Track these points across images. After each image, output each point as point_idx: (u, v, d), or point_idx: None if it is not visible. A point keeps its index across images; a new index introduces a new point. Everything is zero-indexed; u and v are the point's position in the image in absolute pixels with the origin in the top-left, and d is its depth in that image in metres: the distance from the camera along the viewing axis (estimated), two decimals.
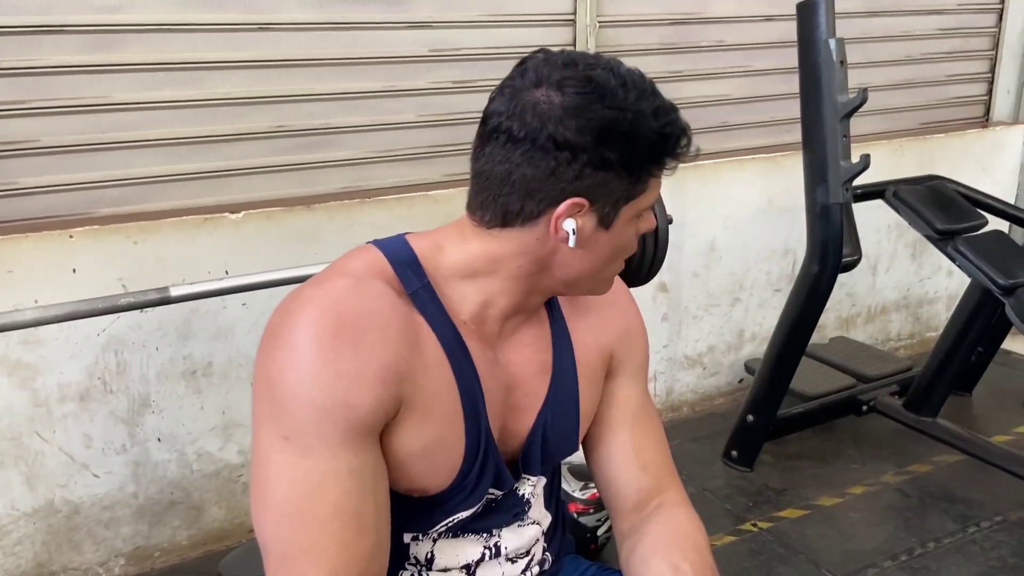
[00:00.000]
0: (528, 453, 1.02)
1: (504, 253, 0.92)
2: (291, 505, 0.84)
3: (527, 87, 0.86)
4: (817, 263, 2.39)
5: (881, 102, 3.17)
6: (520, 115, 0.85)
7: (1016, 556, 2.26)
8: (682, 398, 3.05)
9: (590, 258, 0.92)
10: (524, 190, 0.87)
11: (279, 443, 0.84)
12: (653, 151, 0.88)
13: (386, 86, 2.33)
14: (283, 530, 0.85)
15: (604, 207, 0.89)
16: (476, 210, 0.92)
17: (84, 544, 2.14)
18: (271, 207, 2.19)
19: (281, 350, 0.85)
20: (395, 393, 0.87)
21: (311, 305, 0.86)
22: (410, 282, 0.91)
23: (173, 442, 2.18)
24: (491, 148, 0.88)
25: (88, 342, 2.03)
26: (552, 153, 0.85)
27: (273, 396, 0.85)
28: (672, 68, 2.78)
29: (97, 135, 2.02)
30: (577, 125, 0.84)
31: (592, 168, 0.86)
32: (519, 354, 0.99)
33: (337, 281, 0.88)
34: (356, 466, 0.85)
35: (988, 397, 3.13)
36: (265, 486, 0.86)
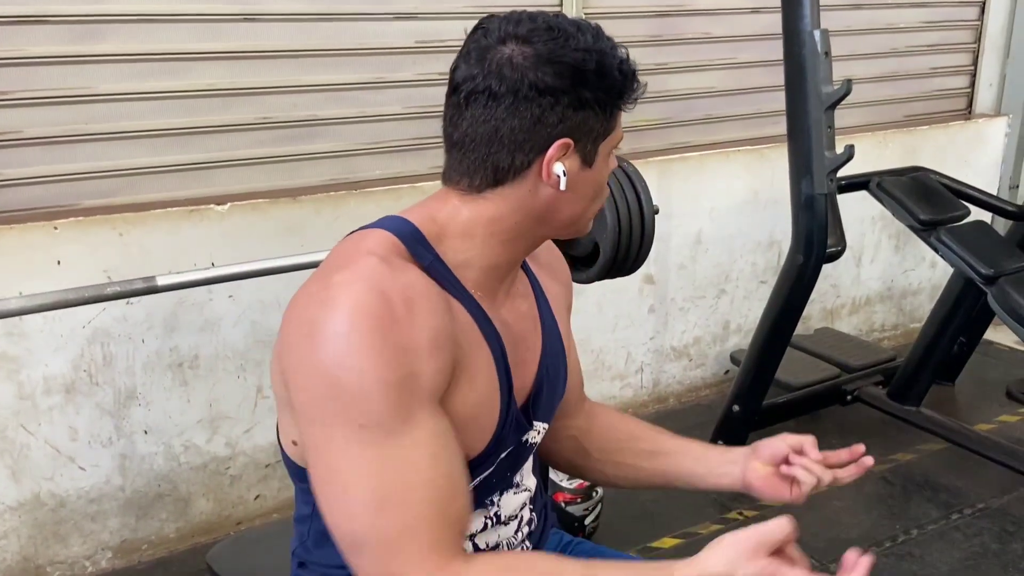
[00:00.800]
0: (536, 402, 1.05)
1: (499, 213, 0.94)
2: (387, 488, 0.85)
3: (493, 45, 0.90)
4: (802, 254, 2.41)
5: (865, 94, 3.19)
6: (497, 72, 0.88)
7: (998, 542, 2.29)
8: (668, 389, 3.06)
9: (578, 199, 0.96)
10: (512, 143, 0.90)
11: (356, 434, 0.84)
12: (618, 86, 0.93)
13: (372, 78, 2.33)
14: (384, 517, 0.85)
15: (586, 146, 0.93)
16: (462, 177, 0.93)
17: (71, 537, 2.13)
18: (257, 199, 2.19)
19: (332, 339, 0.84)
20: (449, 357, 0.89)
21: (350, 289, 0.85)
22: (423, 256, 0.92)
23: (160, 435, 2.17)
24: (472, 111, 0.90)
25: (73, 334, 2.02)
26: (536, 100, 0.88)
27: (339, 390, 0.84)
28: (658, 60, 2.79)
29: (81, 126, 2.01)
30: (555, 70, 0.88)
31: (573, 109, 0.90)
32: (516, 311, 1.03)
33: (365, 260, 0.88)
34: (436, 429, 0.88)
35: (971, 386, 3.16)
36: (349, 482, 0.85)
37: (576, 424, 1.24)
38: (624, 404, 2.96)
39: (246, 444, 2.29)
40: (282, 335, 0.91)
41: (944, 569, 2.18)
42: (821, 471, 1.09)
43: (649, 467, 1.20)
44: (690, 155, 2.87)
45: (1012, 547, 2.27)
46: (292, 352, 0.89)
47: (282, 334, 0.91)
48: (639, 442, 1.21)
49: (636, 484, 1.23)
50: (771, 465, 1.11)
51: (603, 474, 1.24)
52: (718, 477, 1.15)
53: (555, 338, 1.09)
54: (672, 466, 1.18)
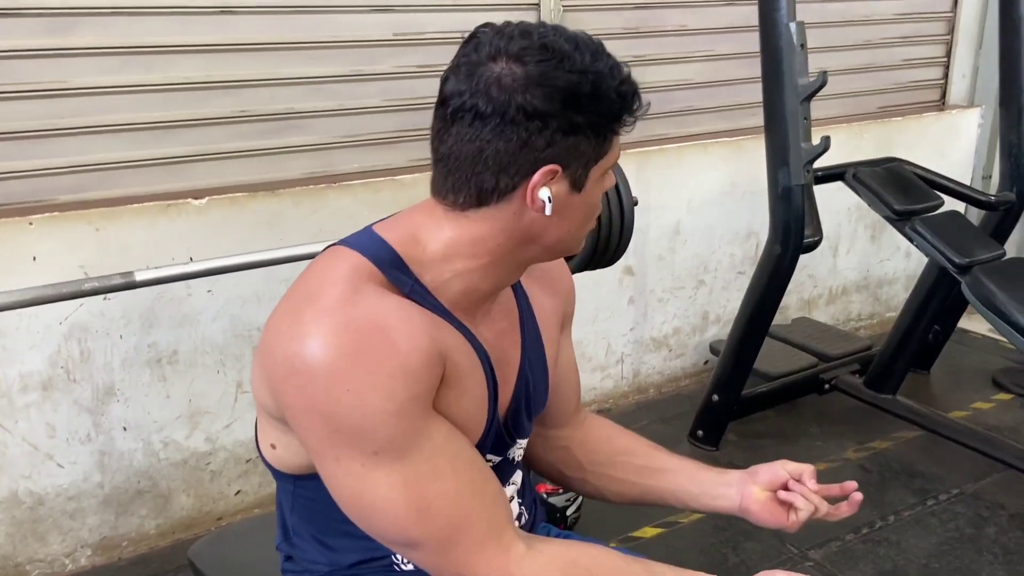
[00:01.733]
0: (516, 419, 1.05)
1: (482, 234, 0.91)
2: (421, 500, 0.87)
3: (484, 61, 0.86)
4: (779, 244, 2.43)
5: (840, 86, 3.21)
6: (484, 91, 0.85)
7: (973, 527, 2.33)
8: (649, 380, 3.08)
9: (566, 223, 0.93)
10: (497, 165, 0.87)
11: (372, 460, 0.85)
12: (615, 110, 0.89)
13: (350, 70, 2.32)
14: (428, 522, 0.87)
15: (576, 171, 0.89)
16: (447, 194, 0.90)
17: (50, 535, 2.11)
18: (235, 192, 2.17)
19: (320, 379, 0.83)
20: (439, 368, 0.89)
21: (322, 324, 0.83)
22: (402, 282, 0.90)
23: (139, 431, 2.16)
24: (457, 128, 0.87)
25: (50, 331, 2.00)
26: (523, 124, 0.85)
27: (340, 427, 0.84)
28: (636, 52, 2.79)
29: (55, 120, 1.99)
30: (544, 93, 0.84)
31: (562, 134, 0.86)
32: (496, 328, 1.01)
33: (333, 292, 0.86)
34: (447, 431, 0.89)
35: (946, 374, 3.21)
36: (383, 503, 0.87)
37: (569, 435, 1.22)
38: (605, 395, 2.98)
39: (226, 439, 2.28)
40: (265, 360, 0.89)
41: (920, 554, 2.22)
42: (819, 501, 1.09)
43: (641, 483, 1.18)
44: (668, 147, 2.88)
45: (986, 531, 2.31)
46: (281, 389, 0.87)
47: (265, 360, 0.89)
48: (633, 457, 1.19)
49: (627, 500, 1.21)
50: (769, 490, 1.11)
51: (594, 487, 1.22)
52: (713, 499, 1.13)
53: (537, 355, 1.07)
54: (665, 484, 1.16)
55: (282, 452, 0.98)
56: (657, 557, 1.16)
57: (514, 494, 1.12)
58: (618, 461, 1.20)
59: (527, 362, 1.05)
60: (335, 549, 1.02)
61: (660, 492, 1.17)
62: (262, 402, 0.94)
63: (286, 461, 0.98)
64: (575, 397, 1.22)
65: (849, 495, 1.11)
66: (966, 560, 2.19)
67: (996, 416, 2.92)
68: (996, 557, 2.20)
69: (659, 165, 2.85)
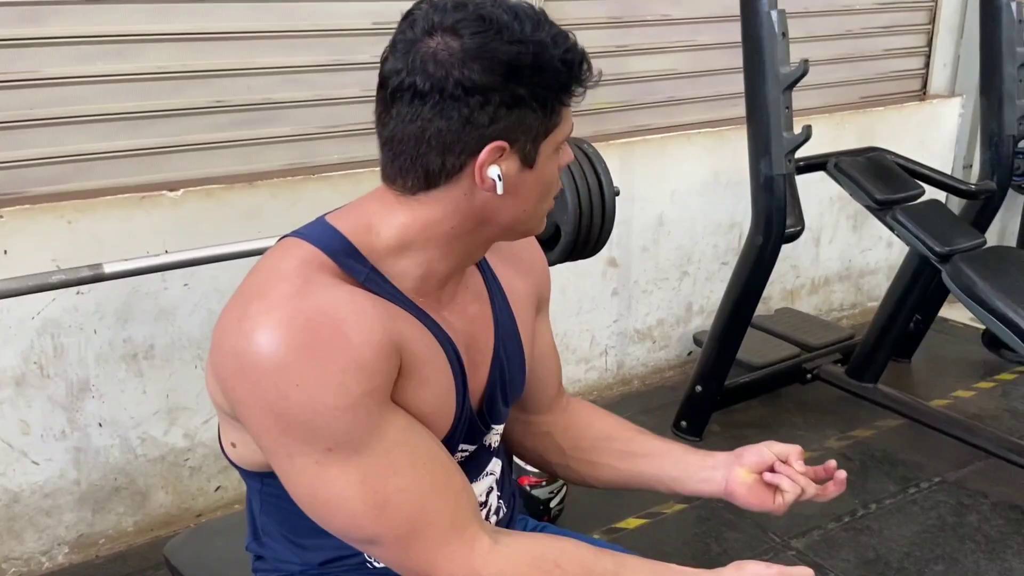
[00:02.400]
0: (491, 404, 1.03)
1: (435, 217, 0.88)
2: (378, 495, 0.84)
3: (420, 38, 0.83)
4: (761, 234, 2.43)
5: (822, 76, 3.21)
6: (421, 68, 0.81)
7: (954, 515, 2.34)
8: (633, 371, 3.08)
9: (520, 201, 0.89)
10: (441, 145, 0.83)
11: (326, 458, 0.83)
12: (560, 80, 0.85)
13: (329, 60, 2.29)
14: (387, 518, 0.85)
15: (524, 146, 0.86)
16: (395, 178, 0.88)
17: (25, 533, 2.08)
18: (212, 184, 2.14)
19: (269, 375, 0.80)
20: (395, 360, 0.86)
21: (269, 319, 0.81)
22: (356, 271, 0.88)
23: (115, 427, 2.13)
24: (397, 109, 0.84)
25: (22, 326, 1.96)
26: (463, 100, 0.81)
27: (291, 424, 0.81)
28: (619, 42, 2.78)
29: (26, 111, 1.95)
30: (482, 66, 0.81)
31: (506, 108, 0.83)
32: (465, 314, 0.99)
33: (280, 286, 0.83)
34: (405, 423, 0.87)
35: (927, 363, 3.23)
36: (338, 499, 0.84)
37: (551, 420, 1.20)
38: (589, 387, 2.97)
39: (205, 435, 2.25)
40: (215, 357, 0.87)
41: (902, 542, 2.22)
42: (806, 482, 1.07)
43: (625, 468, 1.15)
44: (651, 137, 2.87)
45: (968, 519, 2.32)
46: (231, 386, 0.85)
47: (215, 357, 0.86)
48: (616, 442, 1.17)
49: (611, 484, 1.18)
50: (755, 473, 1.08)
51: (577, 473, 1.20)
52: (698, 483, 1.11)
53: (511, 338, 1.05)
54: (650, 468, 1.14)
55: (242, 450, 0.96)
56: (640, 548, 1.15)
57: (492, 485, 1.10)
58: (600, 447, 1.17)
59: (501, 346, 1.03)
60: (306, 548, 1.00)
61: (644, 477, 1.15)
62: (216, 400, 0.92)
63: (247, 459, 0.96)
64: (555, 381, 1.19)
65: (833, 475, 1.10)
66: (948, 548, 2.20)
67: (977, 404, 2.94)
68: (978, 545, 2.22)
69: (642, 156, 2.84)
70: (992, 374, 3.15)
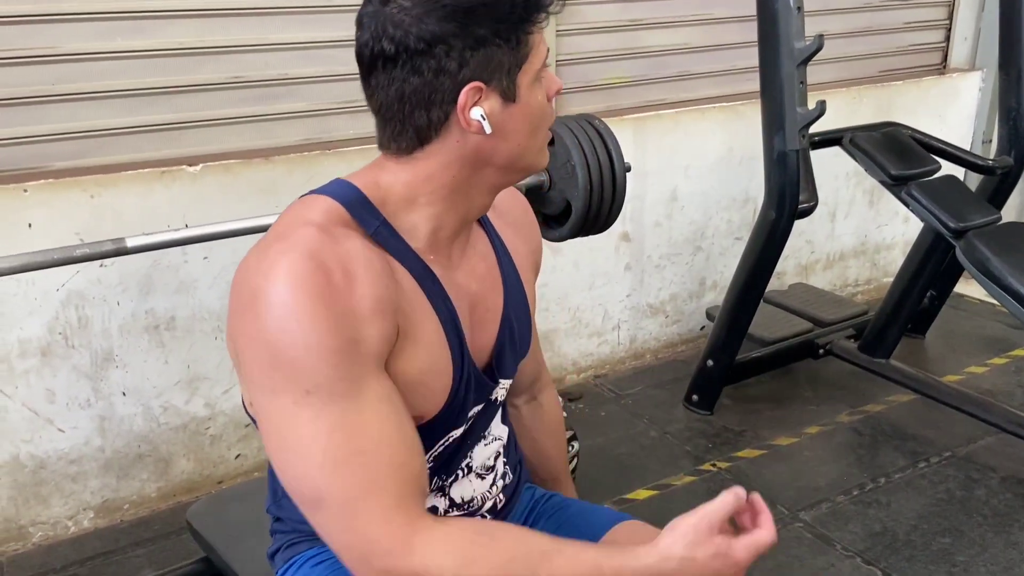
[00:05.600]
0: (500, 359, 1.06)
1: (435, 170, 0.93)
2: (339, 450, 0.85)
3: (378, 7, 0.88)
4: (774, 209, 2.43)
5: (839, 50, 3.19)
6: (383, 33, 0.87)
7: (963, 489, 2.36)
8: (645, 346, 3.10)
9: (513, 136, 0.93)
10: (422, 100, 0.88)
11: (304, 399, 0.84)
12: (518, 11, 0.89)
13: (345, 35, 2.27)
14: (341, 476, 0.85)
15: (501, 81, 0.89)
16: (391, 143, 0.93)
17: (52, 498, 2.15)
18: (229, 159, 2.17)
19: (274, 308, 0.84)
20: (391, 323, 0.89)
21: (287, 259, 0.85)
22: (368, 222, 0.92)
23: (138, 396, 2.18)
24: (375, 79, 0.90)
25: (47, 297, 2.01)
26: (428, 53, 0.86)
27: (281, 358, 0.84)
28: (632, 16, 2.77)
29: (48, 87, 1.98)
30: (437, 16, 0.86)
31: (470, 51, 0.87)
32: (473, 271, 1.03)
33: (303, 231, 0.87)
34: (383, 392, 0.88)
35: (940, 339, 3.23)
36: (303, 445, 0.85)
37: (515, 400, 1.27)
38: (601, 361, 3.00)
39: (225, 404, 2.30)
40: (229, 302, 0.91)
41: (910, 516, 2.25)
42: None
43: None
44: (665, 112, 2.87)
45: (976, 494, 2.34)
46: (237, 322, 0.89)
47: (232, 297, 0.91)
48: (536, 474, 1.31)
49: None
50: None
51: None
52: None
53: (519, 295, 1.09)
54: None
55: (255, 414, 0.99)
56: (650, 519, 1.18)
57: (499, 450, 1.13)
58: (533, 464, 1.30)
59: (509, 303, 1.07)
60: None
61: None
62: (235, 359, 0.95)
63: None
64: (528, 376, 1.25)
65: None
66: (956, 522, 2.22)
67: (990, 380, 2.94)
68: (985, 519, 2.23)
69: (656, 131, 2.84)
70: (1006, 350, 3.15)
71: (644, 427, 2.65)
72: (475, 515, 1.11)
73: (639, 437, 2.59)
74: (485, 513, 1.12)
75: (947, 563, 2.07)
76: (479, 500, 1.10)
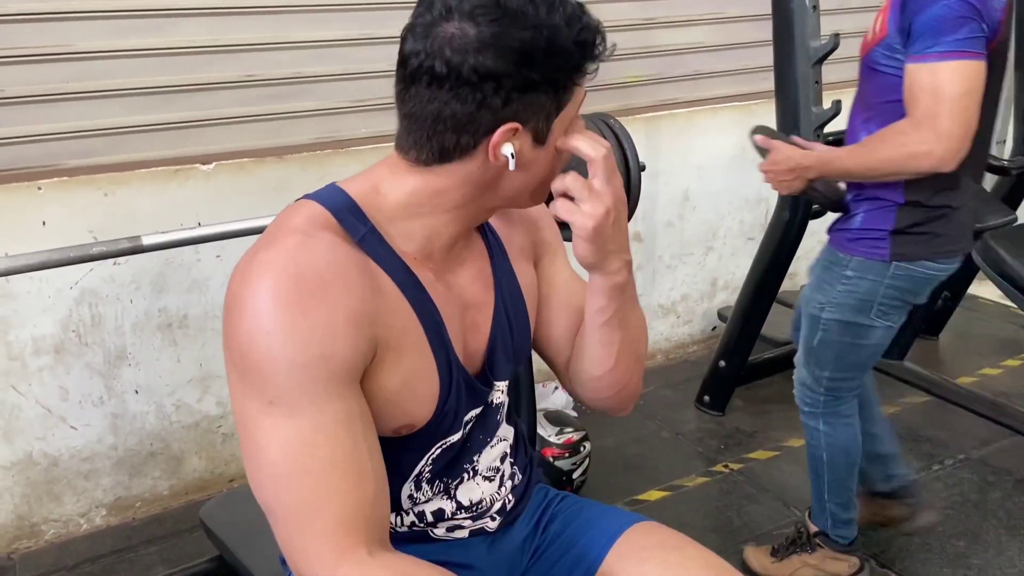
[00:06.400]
0: (493, 361, 1.05)
1: (446, 186, 0.92)
2: (287, 465, 0.86)
3: (438, 21, 0.86)
4: (788, 210, 2.42)
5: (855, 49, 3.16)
6: (439, 52, 0.85)
7: (978, 492, 2.34)
8: (656, 346, 3.09)
9: (532, 175, 0.94)
10: (456, 125, 0.87)
11: (265, 408, 0.85)
12: (573, 61, 0.88)
13: (358, 34, 2.30)
14: (284, 491, 0.86)
15: (537, 125, 0.90)
16: (409, 149, 0.92)
17: (64, 495, 2.15)
18: (242, 158, 2.17)
19: (248, 317, 0.85)
20: (368, 336, 0.89)
21: (268, 268, 0.86)
22: (355, 229, 0.92)
23: (151, 394, 2.19)
24: (416, 89, 0.88)
25: (61, 295, 2.02)
26: (478, 85, 0.85)
27: (249, 365, 0.85)
28: (645, 15, 2.76)
29: (61, 84, 1.99)
30: (496, 54, 0.84)
31: (519, 92, 0.86)
32: (463, 275, 1.02)
33: (286, 240, 0.88)
34: (344, 415, 0.87)
35: (954, 340, 3.21)
36: (258, 452, 0.87)
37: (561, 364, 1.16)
38: None
39: None
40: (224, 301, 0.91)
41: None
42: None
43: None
44: (678, 112, 2.86)
45: (992, 496, 2.32)
46: (224, 324, 0.89)
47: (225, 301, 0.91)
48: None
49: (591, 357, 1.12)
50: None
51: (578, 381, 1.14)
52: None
53: (513, 290, 1.07)
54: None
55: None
56: (662, 519, 1.18)
57: (506, 451, 1.12)
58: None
59: (502, 300, 1.06)
60: None
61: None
62: None
63: None
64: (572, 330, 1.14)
65: None
66: (971, 524, 2.20)
67: (1004, 382, 2.92)
68: (1001, 521, 2.22)
69: (668, 130, 2.83)
70: (1021, 352, 3.13)
71: (656, 428, 2.64)
72: (484, 516, 1.10)
73: (651, 438, 2.58)
74: (495, 515, 1.11)
75: (962, 566, 2.06)
76: (487, 502, 1.10)
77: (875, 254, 1.67)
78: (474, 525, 1.09)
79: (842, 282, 1.71)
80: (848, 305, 1.71)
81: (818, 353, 1.81)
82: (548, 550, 1.15)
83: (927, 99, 1.48)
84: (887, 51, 1.61)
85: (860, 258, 1.69)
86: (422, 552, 0.96)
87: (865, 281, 1.68)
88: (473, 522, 1.09)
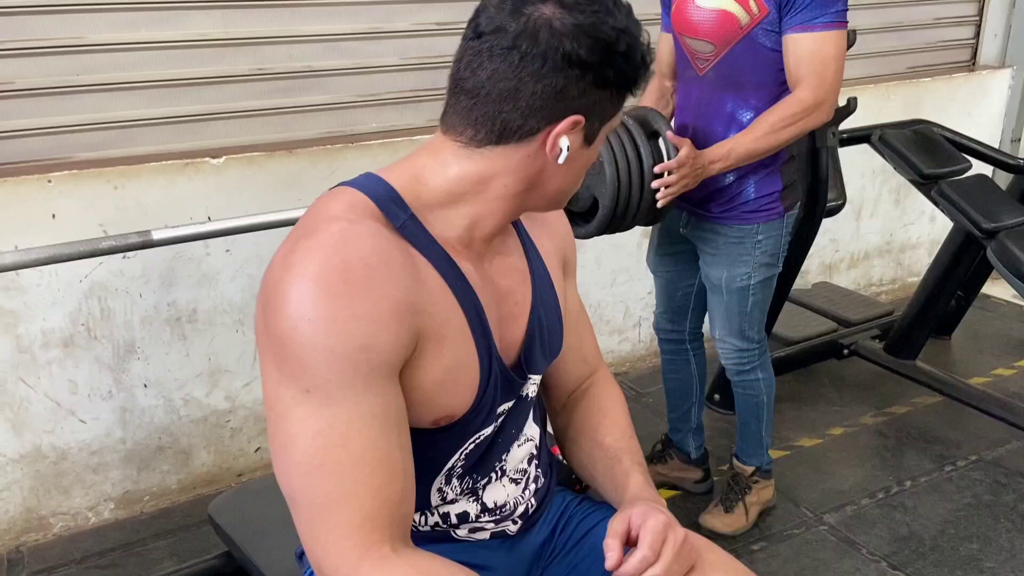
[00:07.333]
0: (529, 354, 1.05)
1: (492, 172, 0.92)
2: (317, 456, 0.84)
3: (532, 2, 0.87)
4: (801, 208, 2.39)
5: (869, 46, 3.14)
6: (533, 32, 0.85)
7: (990, 493, 2.32)
8: None
9: (571, 174, 0.95)
10: (529, 107, 0.88)
11: (302, 397, 0.84)
12: (640, 72, 0.92)
13: (368, 28, 2.29)
14: (312, 481, 0.85)
15: (593, 124, 0.92)
16: (465, 128, 0.91)
17: (73, 489, 2.15)
18: (253, 152, 2.16)
19: (291, 304, 0.83)
20: (410, 327, 0.88)
21: (312, 255, 0.84)
22: (396, 216, 0.91)
23: (160, 388, 2.18)
24: (494, 64, 0.87)
25: (70, 288, 2.01)
26: (564, 71, 0.86)
27: (288, 353, 0.84)
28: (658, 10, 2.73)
29: (72, 77, 1.98)
30: (590, 43, 0.86)
31: (595, 86, 0.88)
32: (502, 266, 1.02)
33: (330, 227, 0.87)
34: (379, 410, 0.86)
35: (967, 340, 3.18)
36: (289, 441, 0.85)
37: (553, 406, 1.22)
38: (622, 358, 2.97)
39: (246, 397, 2.30)
40: (260, 291, 0.90)
41: (936, 520, 2.21)
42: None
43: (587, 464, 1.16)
44: None
45: (1004, 498, 2.30)
46: (259, 310, 0.88)
47: (260, 290, 0.90)
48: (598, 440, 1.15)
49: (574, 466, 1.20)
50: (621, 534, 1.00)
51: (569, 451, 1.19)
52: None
53: (547, 288, 1.08)
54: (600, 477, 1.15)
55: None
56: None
57: (532, 452, 1.11)
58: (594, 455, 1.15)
59: (538, 297, 1.06)
60: None
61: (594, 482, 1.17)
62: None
63: None
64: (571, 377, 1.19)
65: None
66: (983, 527, 2.18)
67: (1018, 383, 2.89)
68: (1013, 524, 2.20)
69: None
70: None
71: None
72: (507, 520, 1.09)
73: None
74: (517, 518, 1.10)
75: (975, 569, 2.04)
76: (511, 505, 1.09)
77: (774, 214, 1.89)
78: (496, 528, 1.09)
79: (757, 248, 1.90)
80: (764, 263, 1.93)
81: (751, 316, 1.99)
82: (565, 553, 1.15)
83: (817, 63, 1.69)
84: (770, 27, 1.73)
85: (763, 223, 1.88)
86: (442, 552, 0.95)
87: (771, 239, 1.91)
88: (495, 525, 1.08)
